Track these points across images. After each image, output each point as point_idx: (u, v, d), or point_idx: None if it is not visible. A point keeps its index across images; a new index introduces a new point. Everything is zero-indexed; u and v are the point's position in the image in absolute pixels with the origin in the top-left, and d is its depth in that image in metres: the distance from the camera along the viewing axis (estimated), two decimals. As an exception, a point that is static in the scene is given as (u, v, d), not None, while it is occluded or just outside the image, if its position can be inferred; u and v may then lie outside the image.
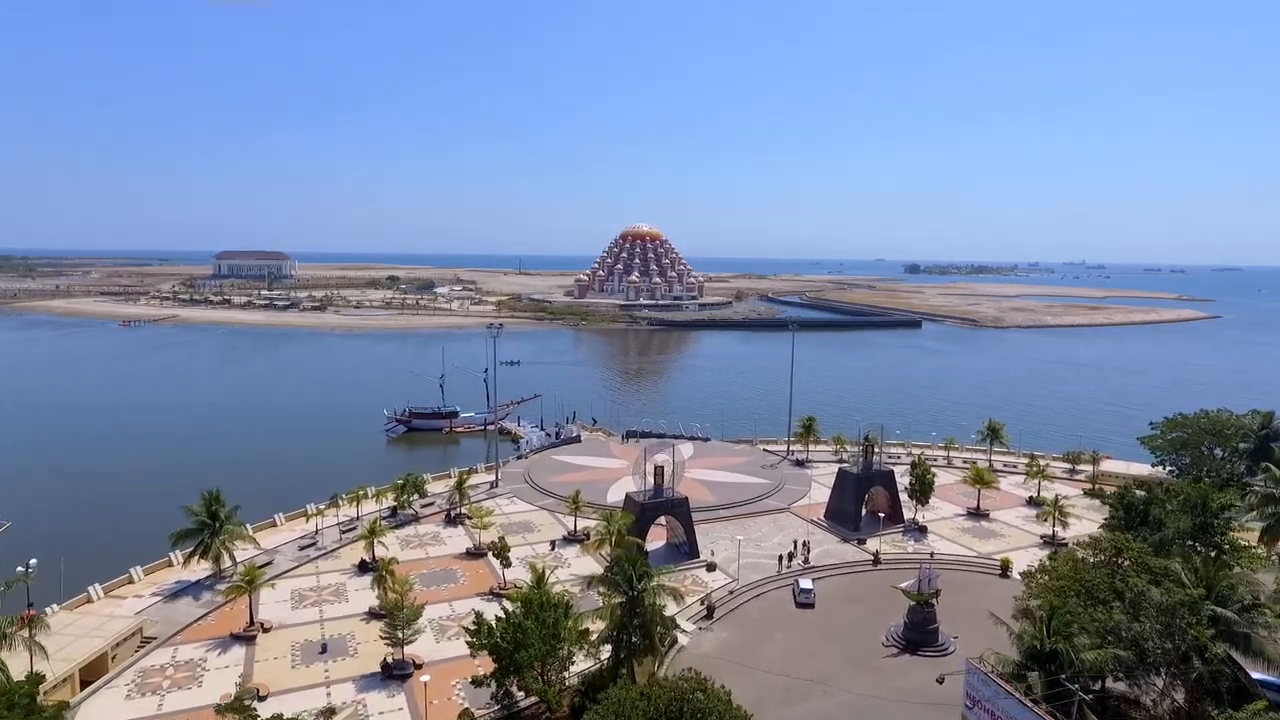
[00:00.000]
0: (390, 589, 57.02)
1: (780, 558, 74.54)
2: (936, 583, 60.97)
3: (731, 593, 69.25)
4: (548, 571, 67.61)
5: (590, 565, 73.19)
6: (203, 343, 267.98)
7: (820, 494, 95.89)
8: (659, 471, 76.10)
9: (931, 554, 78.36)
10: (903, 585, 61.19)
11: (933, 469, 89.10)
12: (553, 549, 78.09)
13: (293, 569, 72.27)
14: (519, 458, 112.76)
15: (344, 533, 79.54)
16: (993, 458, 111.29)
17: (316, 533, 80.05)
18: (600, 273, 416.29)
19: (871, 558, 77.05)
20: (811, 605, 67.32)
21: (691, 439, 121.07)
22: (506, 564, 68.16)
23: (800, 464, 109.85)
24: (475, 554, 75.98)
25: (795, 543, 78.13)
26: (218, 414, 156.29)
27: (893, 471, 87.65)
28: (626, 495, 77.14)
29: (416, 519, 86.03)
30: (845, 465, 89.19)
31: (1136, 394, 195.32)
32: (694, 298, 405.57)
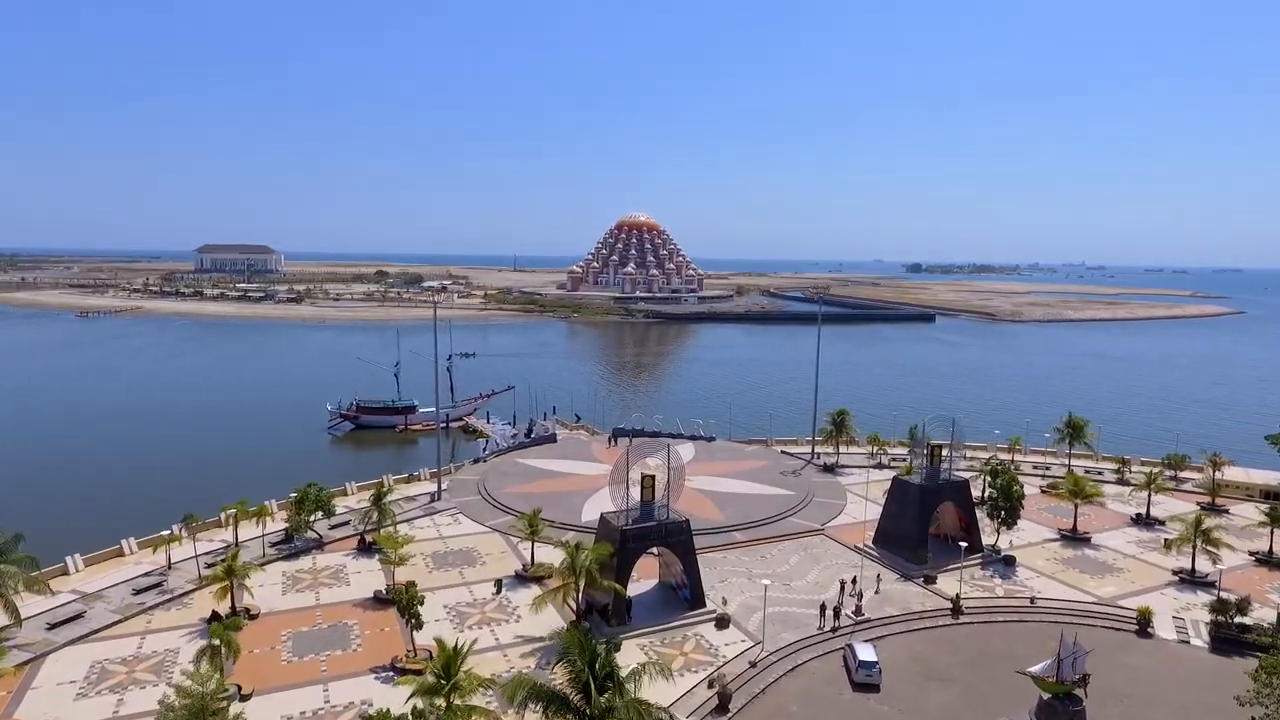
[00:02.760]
0: (183, 686, 33.90)
1: (823, 608, 51.88)
2: (1085, 662, 38.53)
3: (754, 664, 46.66)
4: (481, 633, 45.54)
5: (550, 618, 50.64)
6: (156, 334, 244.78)
7: (859, 509, 73.66)
8: (649, 482, 53.55)
9: (1031, 599, 55.90)
10: (1033, 670, 38.77)
11: (1018, 478, 66.41)
12: (498, 592, 55.30)
13: (111, 625, 49.50)
14: (475, 461, 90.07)
15: (209, 567, 56.79)
16: (1072, 463, 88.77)
17: (169, 568, 57.44)
18: (595, 265, 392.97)
19: (949, 605, 54.49)
20: (876, 687, 44.76)
21: (692, 438, 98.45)
22: (416, 624, 45.47)
23: (829, 469, 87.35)
24: (386, 600, 53.32)
25: (842, 584, 55.53)
26: (132, 408, 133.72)
27: (968, 482, 64.96)
28: (601, 517, 54.54)
29: (320, 546, 63.35)
30: (903, 474, 66.46)
31: (1191, 389, 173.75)
32: (693, 291, 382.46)
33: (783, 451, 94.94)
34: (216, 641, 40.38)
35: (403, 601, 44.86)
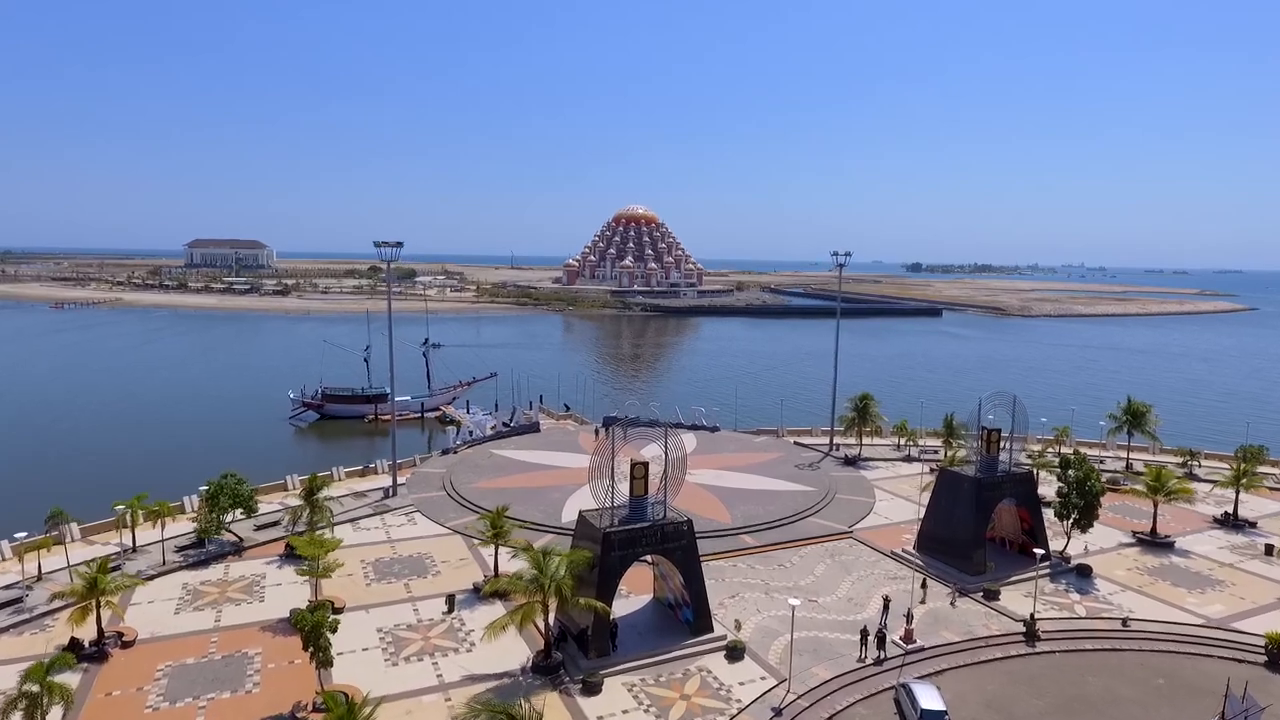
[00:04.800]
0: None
1: (863, 634, 40.40)
2: (1258, 723, 27.31)
3: (779, 712, 35.25)
4: (420, 668, 34.53)
5: (512, 647, 39.20)
6: (129, 324, 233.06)
7: (890, 507, 62.60)
8: (640, 473, 42.02)
9: (1124, 621, 44.42)
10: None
11: (1096, 470, 54.58)
12: (450, 611, 43.80)
13: (-64, 656, 38.08)
14: (445, 452, 78.55)
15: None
16: (1131, 455, 77.42)
17: (38, 579, 45.91)
18: (591, 258, 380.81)
19: (1021, 628, 43.04)
20: (945, 745, 33.41)
21: (693, 428, 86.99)
22: (324, 660, 34.00)
23: (851, 462, 75.92)
24: (305, 622, 41.76)
25: (885, 603, 43.99)
26: (74, 396, 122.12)
27: (1033, 474, 53.52)
28: (580, 516, 43.06)
29: (238, 551, 51.81)
30: (950, 464, 55.08)
31: (1223, 381, 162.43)
32: (693, 285, 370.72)
33: (796, 443, 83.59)
34: (34, 687, 28.96)
35: (305, 627, 33.33)
